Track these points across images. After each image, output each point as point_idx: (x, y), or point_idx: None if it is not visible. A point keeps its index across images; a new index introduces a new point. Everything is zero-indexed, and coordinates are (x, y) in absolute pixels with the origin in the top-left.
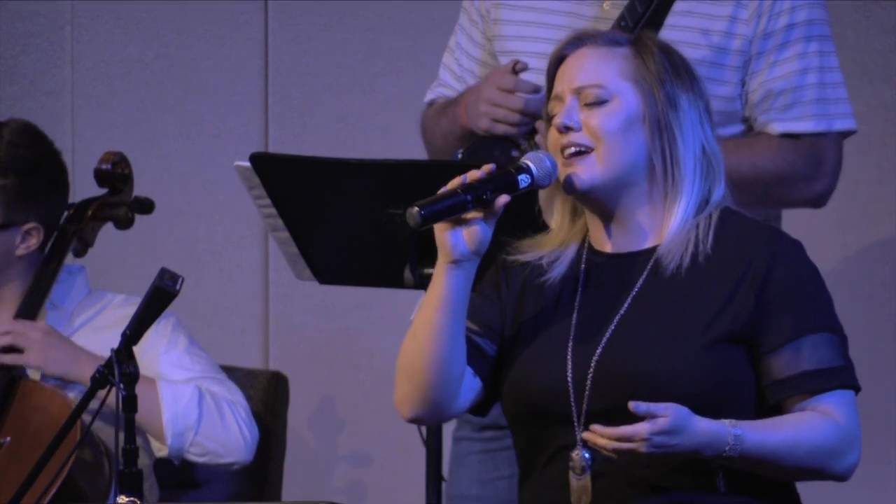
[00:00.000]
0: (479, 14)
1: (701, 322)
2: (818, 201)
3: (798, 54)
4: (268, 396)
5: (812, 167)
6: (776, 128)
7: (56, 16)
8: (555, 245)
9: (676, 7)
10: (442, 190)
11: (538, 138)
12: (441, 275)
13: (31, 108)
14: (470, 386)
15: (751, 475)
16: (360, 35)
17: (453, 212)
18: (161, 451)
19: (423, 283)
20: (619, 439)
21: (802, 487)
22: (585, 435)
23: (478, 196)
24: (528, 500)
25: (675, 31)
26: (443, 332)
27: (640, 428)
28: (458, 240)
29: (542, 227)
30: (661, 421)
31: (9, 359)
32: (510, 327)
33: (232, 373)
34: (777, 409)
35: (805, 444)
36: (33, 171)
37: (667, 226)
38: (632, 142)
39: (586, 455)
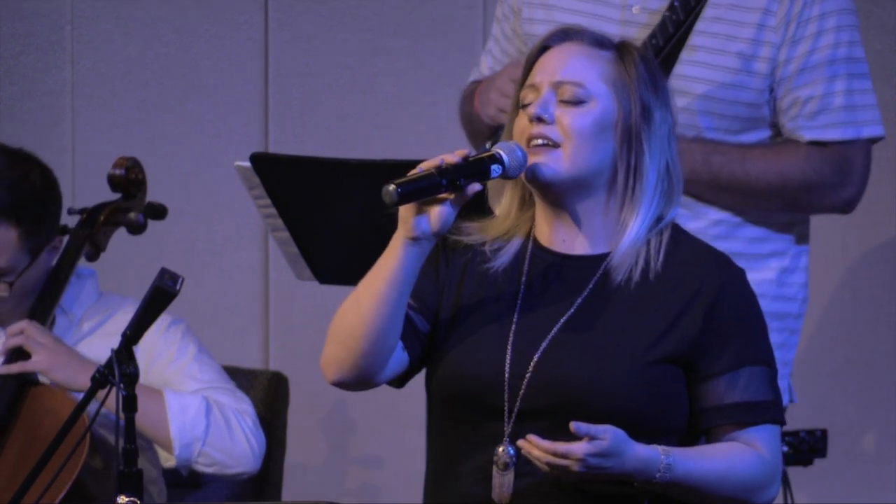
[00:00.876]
0: (511, 9)
1: (645, 339)
2: (846, 208)
3: (826, 61)
4: (268, 396)
5: (840, 174)
6: (804, 135)
7: (56, 16)
8: (499, 232)
9: (705, 13)
10: (418, 170)
11: None
12: (397, 248)
13: (31, 108)
14: (398, 358)
15: (675, 502)
16: (360, 35)
17: (428, 193)
18: (169, 461)
19: None
20: (554, 454)
21: (798, 489)
22: (521, 443)
23: (452, 181)
24: (444, 489)
25: (703, 37)
26: (387, 304)
27: (577, 448)
28: (423, 219)
29: (486, 211)
30: (598, 443)
31: (16, 367)
32: (447, 308)
33: (232, 373)
34: (704, 433)
35: (733, 477)
36: (39, 202)
37: (619, 236)
38: (600, 147)
39: (511, 451)
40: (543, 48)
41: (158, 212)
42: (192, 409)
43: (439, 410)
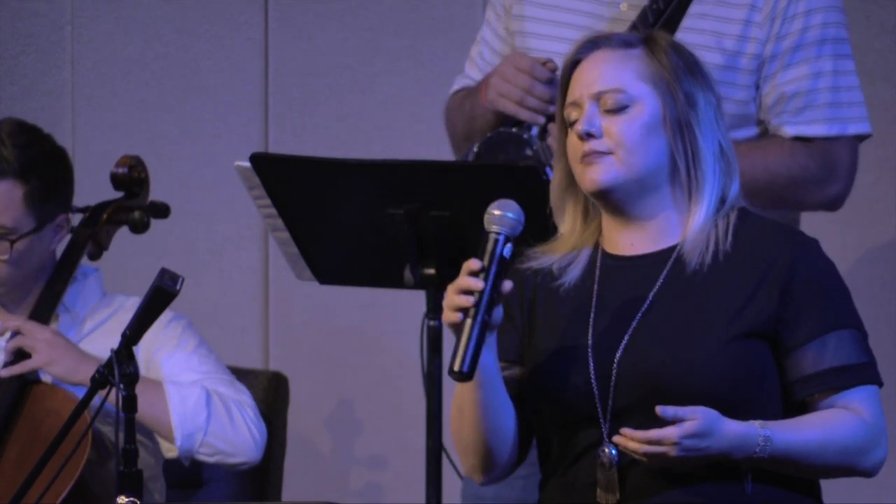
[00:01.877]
0: (503, 8)
1: (723, 318)
2: (833, 205)
3: (812, 58)
4: (268, 396)
5: (825, 170)
6: (788, 131)
7: (56, 16)
8: (566, 249)
9: (691, 10)
10: (461, 334)
11: (550, 140)
12: None
13: (31, 108)
14: (523, 425)
15: (779, 475)
16: (360, 35)
17: (484, 339)
18: (171, 451)
19: (423, 283)
20: (648, 442)
21: None
22: (616, 438)
23: (488, 307)
24: (552, 498)
25: (690, 33)
26: (486, 407)
27: (670, 431)
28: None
29: (552, 230)
30: (690, 424)
31: (17, 368)
32: (528, 341)
33: (232, 373)
34: (802, 405)
35: (834, 443)
36: (49, 166)
37: (689, 225)
38: (653, 146)
39: (613, 451)
40: (575, 62)
41: (161, 210)
42: (192, 398)
43: (542, 431)
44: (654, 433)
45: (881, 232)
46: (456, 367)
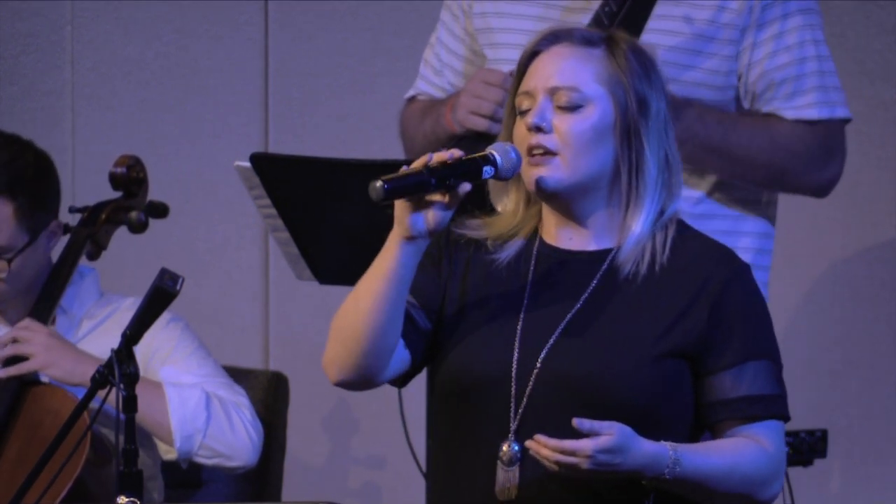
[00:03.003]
0: (461, 10)
1: (652, 333)
2: (826, 188)
3: (796, 43)
4: (268, 396)
5: (824, 152)
6: (787, 115)
7: (56, 16)
8: (505, 229)
9: None
10: (406, 167)
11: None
12: (393, 247)
13: (31, 108)
14: (399, 357)
15: (680, 498)
16: (360, 35)
17: (416, 191)
18: (169, 453)
19: None
20: (562, 452)
21: (799, 490)
22: (528, 443)
23: (441, 180)
24: (447, 485)
25: (662, 20)
26: (386, 303)
27: (585, 444)
28: (418, 218)
29: (489, 207)
30: (606, 439)
31: (13, 370)
32: (450, 305)
33: (232, 373)
34: (709, 428)
35: (738, 472)
36: (35, 177)
37: (625, 232)
38: (601, 150)
39: (516, 447)
40: (534, 53)
41: (160, 210)
42: (192, 401)
43: (443, 407)
44: (569, 443)
45: (881, 232)
46: (381, 179)
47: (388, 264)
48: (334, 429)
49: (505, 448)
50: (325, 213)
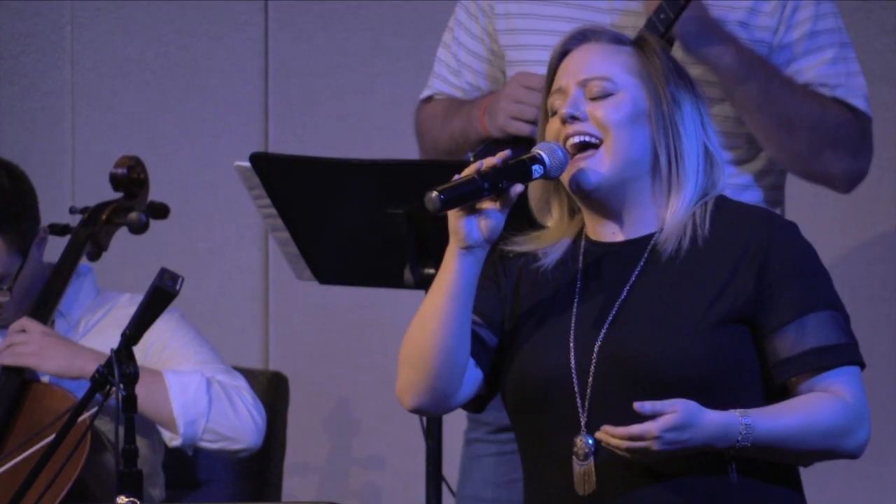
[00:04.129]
0: (481, 10)
1: (701, 304)
2: (854, 180)
3: (826, 45)
4: (268, 396)
5: (861, 141)
6: (836, 94)
7: (56, 16)
8: (552, 240)
9: None
10: (458, 176)
11: None
12: (452, 261)
13: (31, 108)
14: (472, 377)
15: (763, 462)
16: (360, 35)
17: (470, 198)
18: (174, 440)
19: (423, 283)
20: (630, 438)
21: (802, 487)
22: (598, 435)
23: (494, 184)
24: (533, 489)
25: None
26: (452, 319)
27: (651, 426)
28: (472, 226)
29: (537, 224)
30: (669, 417)
31: (9, 359)
32: (510, 319)
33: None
34: (784, 389)
35: (816, 427)
36: (13, 201)
37: (667, 217)
38: (638, 135)
39: (590, 441)
40: (563, 52)
41: (160, 211)
42: (192, 386)
43: (517, 417)
44: (635, 429)
45: (881, 232)
46: (436, 189)
47: (450, 278)
48: (334, 429)
49: (578, 443)
50: (325, 213)
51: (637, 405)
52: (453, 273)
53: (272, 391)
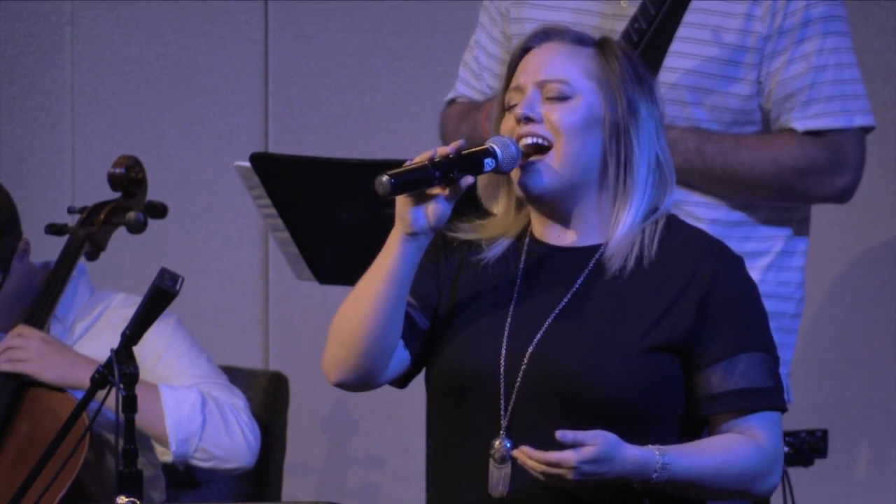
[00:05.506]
0: (499, 12)
1: (639, 327)
2: (842, 196)
3: (815, 51)
4: (268, 396)
5: (834, 162)
6: (797, 126)
7: (56, 16)
8: (497, 231)
9: (693, 5)
10: (410, 161)
11: None
12: (395, 245)
13: (31, 108)
14: (399, 358)
15: (676, 498)
16: (360, 35)
17: (421, 185)
18: (165, 455)
19: None
20: (547, 464)
21: (798, 489)
22: (515, 453)
23: (445, 173)
24: (443, 484)
25: (693, 28)
26: (387, 302)
27: (570, 455)
28: (419, 213)
29: (483, 210)
30: (589, 450)
31: (7, 366)
32: (445, 305)
33: (232, 373)
34: (703, 422)
35: (730, 470)
36: None
37: (614, 228)
38: (590, 141)
39: (508, 445)
40: (525, 49)
41: (158, 210)
42: (187, 403)
43: (438, 405)
44: (553, 455)
45: (881, 233)
46: (386, 174)
47: (390, 262)
48: (334, 429)
49: (496, 445)
50: (325, 213)
51: (559, 434)
52: (394, 258)
53: (272, 391)
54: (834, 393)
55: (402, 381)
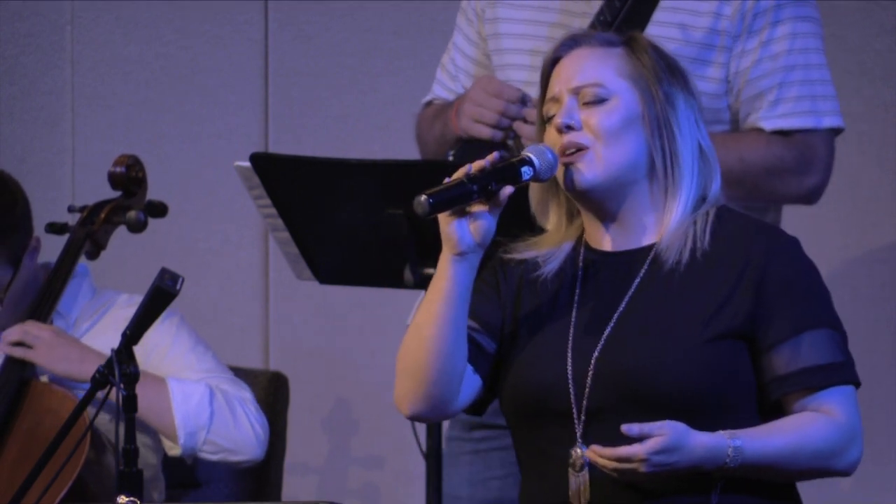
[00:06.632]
0: (475, 13)
1: (700, 318)
2: (810, 197)
3: (784, 51)
4: (268, 396)
5: (802, 162)
6: (765, 126)
7: (56, 16)
8: (551, 245)
9: (662, 3)
10: (448, 180)
11: (524, 142)
12: (446, 267)
13: (31, 108)
14: (470, 383)
15: (752, 483)
16: (360, 35)
17: (460, 201)
18: (173, 449)
19: (423, 283)
20: (618, 460)
21: (801, 487)
22: (588, 453)
23: (483, 187)
24: (528, 498)
25: (660, 26)
26: (448, 325)
27: (638, 449)
28: (464, 231)
29: (536, 229)
30: (657, 440)
31: (18, 351)
32: (508, 325)
33: (232, 373)
34: (778, 405)
35: (807, 448)
36: (5, 210)
37: (666, 223)
38: (632, 140)
39: (585, 451)
40: (555, 59)
41: (159, 210)
42: (195, 396)
43: (516, 424)
44: (623, 451)
45: (881, 233)
46: (425, 193)
47: (444, 285)
48: (334, 429)
49: (574, 453)
50: (325, 213)
51: (624, 427)
52: (448, 280)
53: (272, 391)
54: None
55: (477, 408)
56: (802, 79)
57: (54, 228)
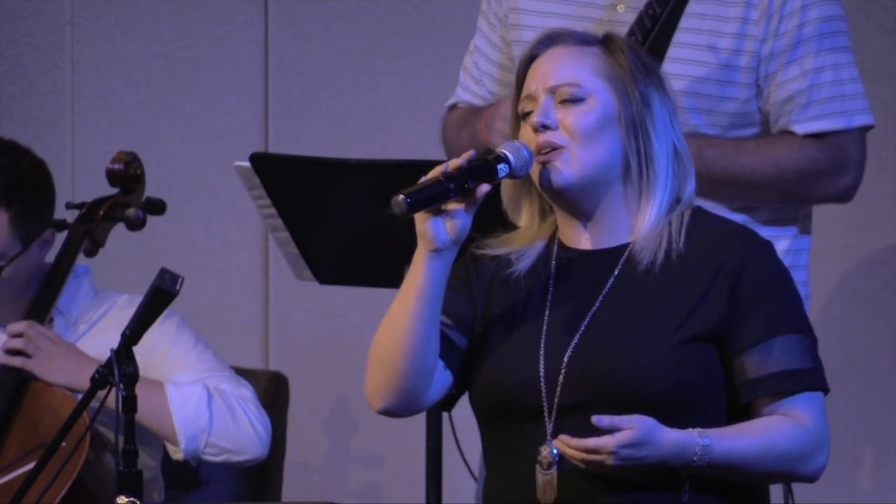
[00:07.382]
0: (497, 18)
1: (673, 320)
2: (844, 196)
3: (812, 53)
4: (268, 396)
5: (835, 163)
6: (797, 129)
7: (56, 16)
8: (524, 242)
9: (688, 10)
10: (424, 178)
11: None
12: (420, 264)
13: (31, 108)
14: (441, 379)
15: (720, 482)
16: (360, 35)
17: (437, 200)
18: (177, 454)
19: None
20: (586, 451)
21: (800, 488)
22: (555, 443)
23: (460, 185)
24: (494, 494)
25: (688, 34)
26: (420, 322)
27: (607, 441)
28: (440, 229)
29: (509, 225)
30: (627, 433)
31: (17, 361)
32: (480, 321)
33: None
34: (747, 408)
35: (773, 451)
36: (31, 186)
37: (641, 223)
38: (607, 140)
39: (554, 451)
40: (532, 57)
41: (157, 207)
42: (193, 400)
43: (485, 420)
44: (591, 442)
45: (882, 233)
46: (402, 193)
47: (418, 281)
48: (334, 429)
49: (542, 451)
50: (325, 213)
51: (595, 419)
52: (422, 276)
53: (272, 391)
54: (834, 393)
55: (447, 404)
56: (832, 79)
57: (53, 226)
